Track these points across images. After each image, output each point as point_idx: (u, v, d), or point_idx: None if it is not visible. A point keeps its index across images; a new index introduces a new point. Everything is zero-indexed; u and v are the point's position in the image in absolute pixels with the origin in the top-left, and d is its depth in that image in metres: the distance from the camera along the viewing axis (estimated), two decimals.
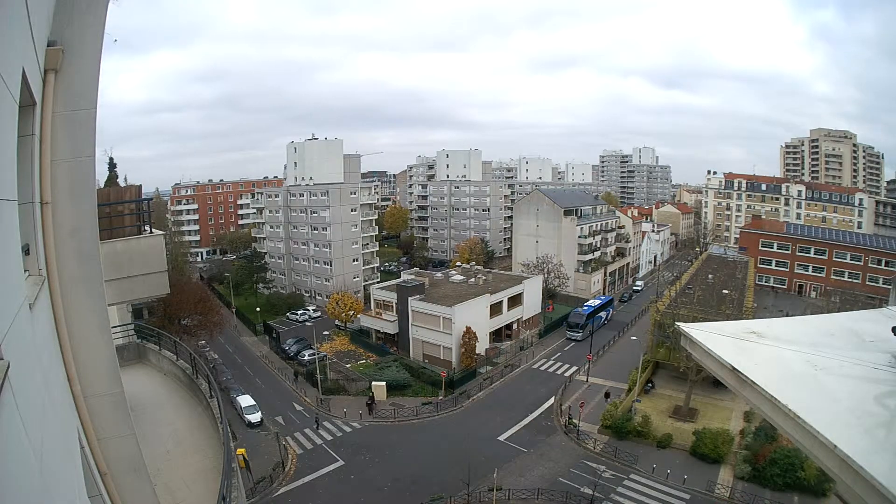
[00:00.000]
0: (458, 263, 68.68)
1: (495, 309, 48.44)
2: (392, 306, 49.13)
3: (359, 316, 52.84)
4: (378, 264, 75.19)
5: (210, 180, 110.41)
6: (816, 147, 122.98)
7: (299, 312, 60.95)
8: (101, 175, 48.53)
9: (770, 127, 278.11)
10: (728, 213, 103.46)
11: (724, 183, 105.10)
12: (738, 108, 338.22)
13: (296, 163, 75.80)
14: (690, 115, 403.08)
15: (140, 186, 11.57)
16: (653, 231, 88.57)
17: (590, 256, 69.01)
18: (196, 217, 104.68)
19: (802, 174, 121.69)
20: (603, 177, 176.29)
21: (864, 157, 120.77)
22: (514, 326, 51.85)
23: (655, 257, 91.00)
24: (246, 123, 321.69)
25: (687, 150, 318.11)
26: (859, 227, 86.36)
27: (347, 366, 45.47)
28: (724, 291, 46.48)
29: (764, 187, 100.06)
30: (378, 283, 63.36)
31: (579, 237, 67.90)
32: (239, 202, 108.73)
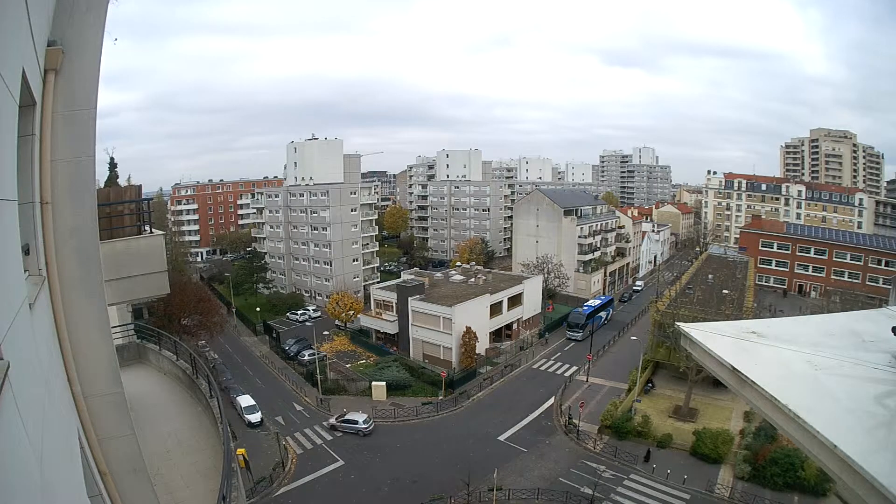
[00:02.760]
0: (458, 263, 68.69)
1: (495, 309, 48.44)
2: (392, 306, 49.13)
3: (359, 316, 52.86)
4: (378, 264, 75.19)
5: (210, 180, 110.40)
6: (816, 147, 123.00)
7: (299, 312, 60.93)
8: (102, 175, 48.51)
9: (769, 120, 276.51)
10: (728, 213, 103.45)
11: (724, 183, 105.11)
12: (729, 97, 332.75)
13: (296, 163, 75.73)
14: (674, 103, 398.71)
15: (140, 186, 11.59)
16: (653, 231, 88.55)
17: (590, 256, 68.99)
18: (196, 217, 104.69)
19: (802, 174, 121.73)
20: (603, 177, 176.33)
21: (864, 156, 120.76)
22: (514, 326, 51.84)
23: (655, 257, 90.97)
24: (203, 125, 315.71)
25: (687, 150, 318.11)
26: (859, 227, 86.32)
27: (347, 366, 45.49)
28: (724, 291, 46.50)
29: (764, 187, 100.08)
30: (378, 283, 63.35)
31: (579, 237, 67.89)
32: (239, 202, 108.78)
